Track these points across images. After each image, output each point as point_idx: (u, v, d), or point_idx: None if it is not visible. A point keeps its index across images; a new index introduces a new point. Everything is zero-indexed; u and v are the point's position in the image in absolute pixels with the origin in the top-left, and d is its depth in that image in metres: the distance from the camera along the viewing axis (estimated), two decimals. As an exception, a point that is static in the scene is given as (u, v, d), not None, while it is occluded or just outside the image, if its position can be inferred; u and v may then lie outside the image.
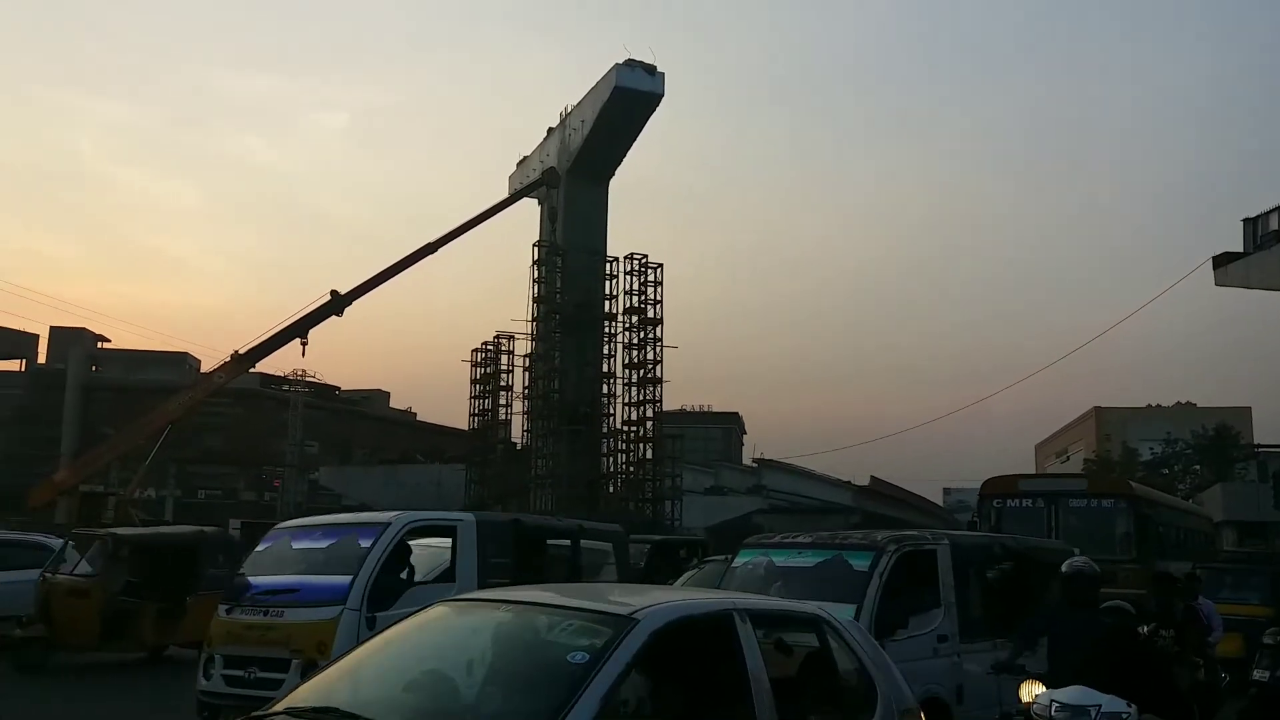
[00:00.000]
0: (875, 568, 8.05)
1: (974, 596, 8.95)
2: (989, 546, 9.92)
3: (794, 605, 5.32)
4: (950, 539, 9.05)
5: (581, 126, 44.52)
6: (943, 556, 8.66)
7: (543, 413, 43.77)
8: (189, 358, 60.08)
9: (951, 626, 8.39)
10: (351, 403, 65.36)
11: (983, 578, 9.31)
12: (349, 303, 39.86)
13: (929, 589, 8.47)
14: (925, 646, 8.09)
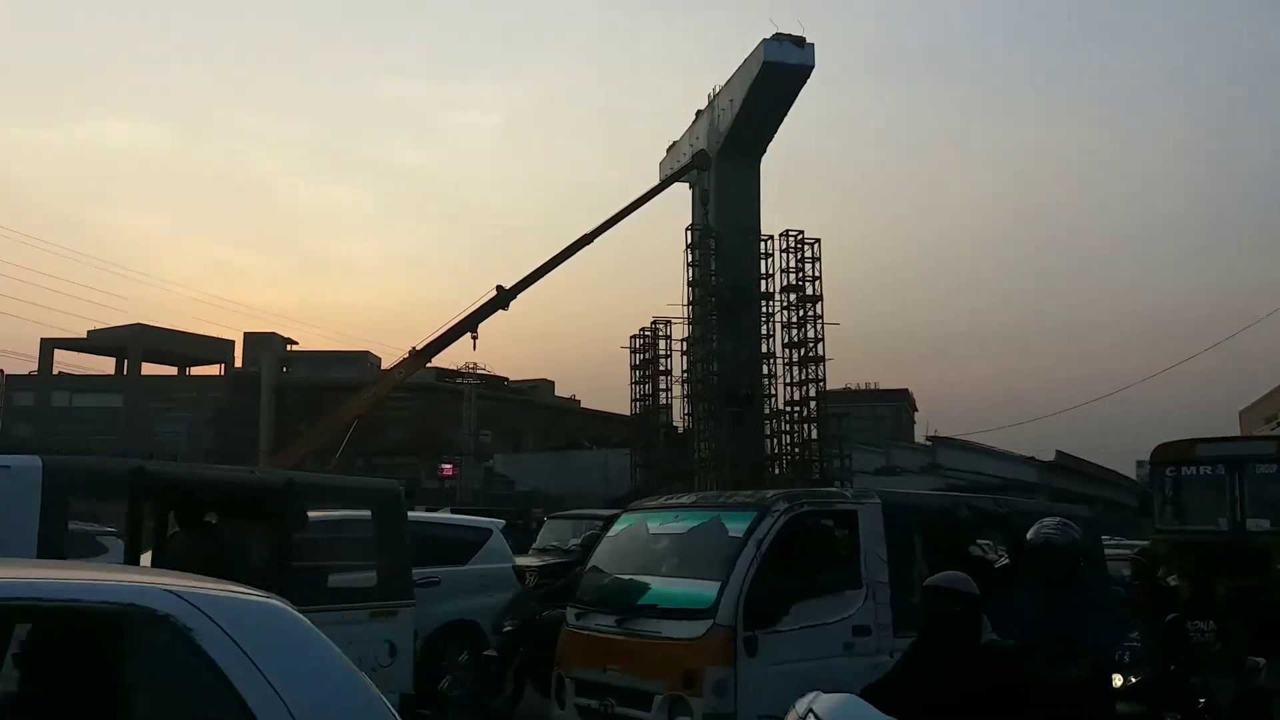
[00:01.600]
0: (752, 533, 6.26)
1: (926, 572, 6.47)
2: (949, 510, 7.62)
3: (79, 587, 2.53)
4: (884, 498, 7.05)
5: (730, 106, 44.19)
6: (868, 521, 6.70)
7: (702, 396, 43.90)
8: (370, 356, 63.34)
9: (877, 614, 6.49)
10: (520, 392, 67.37)
11: (943, 551, 7.02)
12: (513, 296, 41.09)
13: (846, 565, 6.65)
14: (831, 642, 6.30)
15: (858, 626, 6.49)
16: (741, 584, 6.13)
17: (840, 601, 6.53)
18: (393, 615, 7.36)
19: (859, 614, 6.52)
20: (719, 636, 6.08)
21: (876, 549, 6.69)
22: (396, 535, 7.72)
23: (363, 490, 8.84)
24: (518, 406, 65.26)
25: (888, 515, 6.85)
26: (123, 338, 62.32)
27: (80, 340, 62.79)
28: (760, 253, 44.06)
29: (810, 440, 44.54)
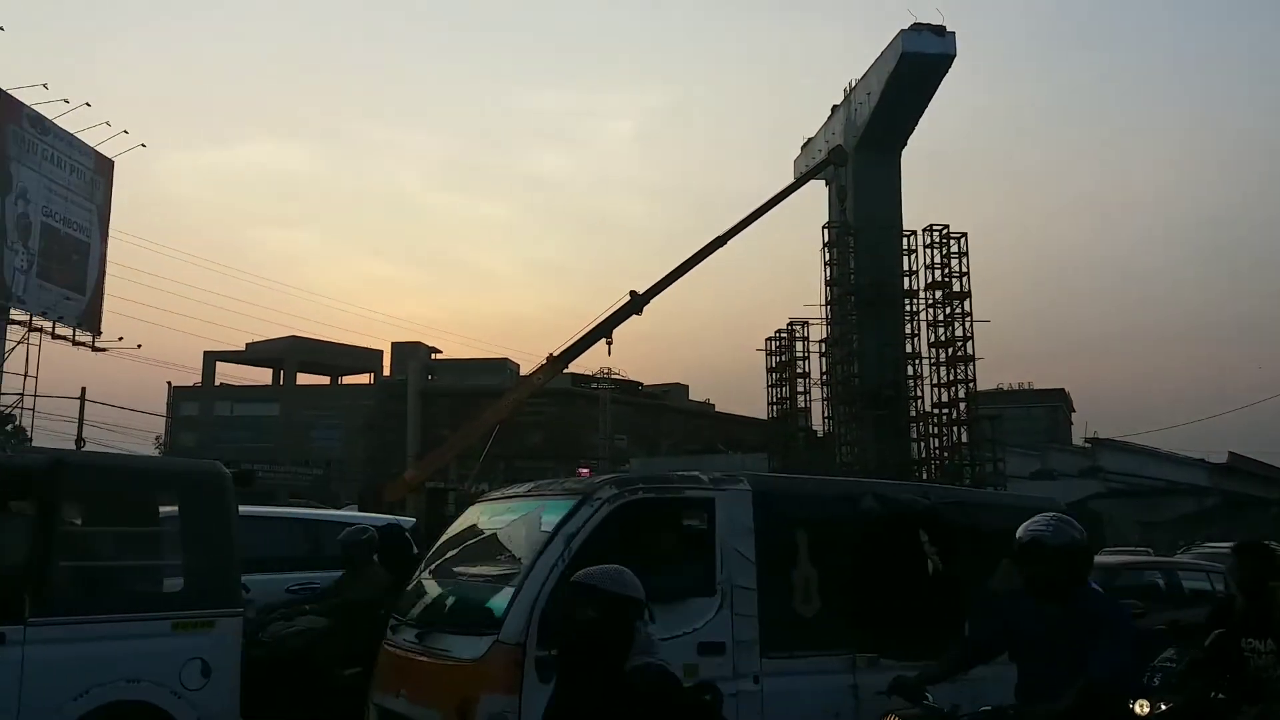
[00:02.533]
0: (561, 528, 5.07)
1: (815, 579, 5.52)
2: (849, 498, 6.06)
3: None
4: (756, 484, 5.65)
5: (868, 100, 43.04)
6: (730, 513, 5.38)
7: (843, 398, 42.77)
8: (509, 363, 64.56)
9: (735, 629, 5.20)
10: (654, 397, 67.41)
11: (838, 550, 5.75)
12: (647, 301, 40.97)
13: (696, 566, 5.34)
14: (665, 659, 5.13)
15: (706, 644, 5.10)
16: (537, 592, 4.79)
17: (683, 612, 5.10)
18: (207, 627, 6.06)
19: (709, 628, 5.13)
20: (502, 657, 4.79)
21: (740, 547, 5.32)
22: (216, 530, 6.35)
23: (167, 474, 7.41)
24: (652, 411, 65.28)
25: (760, 506, 5.47)
26: (279, 350, 65.47)
27: (240, 353, 66.25)
28: (903, 249, 42.71)
29: (960, 444, 42.83)
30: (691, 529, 5.56)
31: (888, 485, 6.65)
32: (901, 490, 6.51)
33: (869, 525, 5.91)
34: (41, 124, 39.79)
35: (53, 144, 40.70)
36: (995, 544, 5.81)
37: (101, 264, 44.09)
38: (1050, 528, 3.95)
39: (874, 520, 5.93)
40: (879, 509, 6.01)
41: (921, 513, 6.19)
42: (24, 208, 39.02)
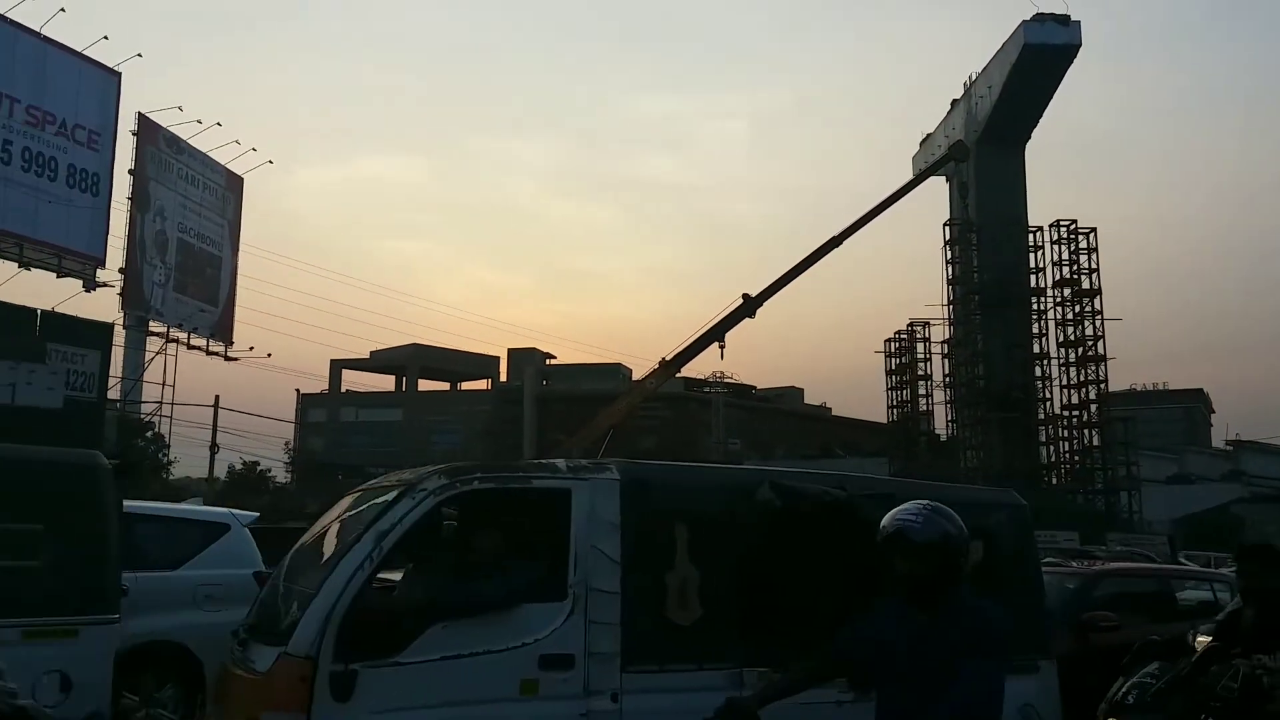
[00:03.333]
0: (374, 524, 4.45)
1: (695, 581, 4.76)
2: (743, 489, 5.18)
3: None
4: (626, 472, 4.85)
5: (989, 93, 41.55)
6: (591, 506, 4.67)
7: (967, 400, 41.32)
8: (622, 367, 64.83)
9: (589, 639, 4.50)
10: (767, 400, 66.67)
11: (723, 548, 4.97)
12: (760, 304, 40.43)
13: (544, 566, 4.68)
14: (499, 680, 4.32)
15: (550, 656, 4.40)
16: (334, 599, 4.19)
17: (522, 620, 4.41)
18: (69, 636, 5.54)
19: (554, 637, 4.42)
20: (287, 671, 4.22)
21: (602, 545, 4.60)
22: (88, 527, 5.73)
23: (30, 463, 6.25)
24: (765, 415, 64.52)
25: (631, 498, 4.72)
26: (401, 357, 67.28)
27: (364, 360, 68.36)
28: (1028, 245, 41.09)
29: (1091, 447, 40.92)
30: (542, 525, 4.75)
31: (792, 474, 5.63)
32: (809, 480, 5.43)
33: (767, 520, 5.06)
34: (177, 144, 41.79)
35: (187, 163, 42.70)
36: None
37: (233, 277, 46.09)
38: (919, 518, 3.44)
39: (773, 514, 5.06)
40: (779, 501, 5.09)
41: (833, 506, 5.21)
42: (161, 224, 41.03)
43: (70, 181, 36.43)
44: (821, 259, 40.60)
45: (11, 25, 34.71)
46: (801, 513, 5.13)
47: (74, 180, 36.60)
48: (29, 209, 34.56)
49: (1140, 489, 40.62)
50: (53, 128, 36.06)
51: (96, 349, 34.97)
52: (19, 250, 33.90)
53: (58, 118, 36.19)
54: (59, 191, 35.86)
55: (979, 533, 5.24)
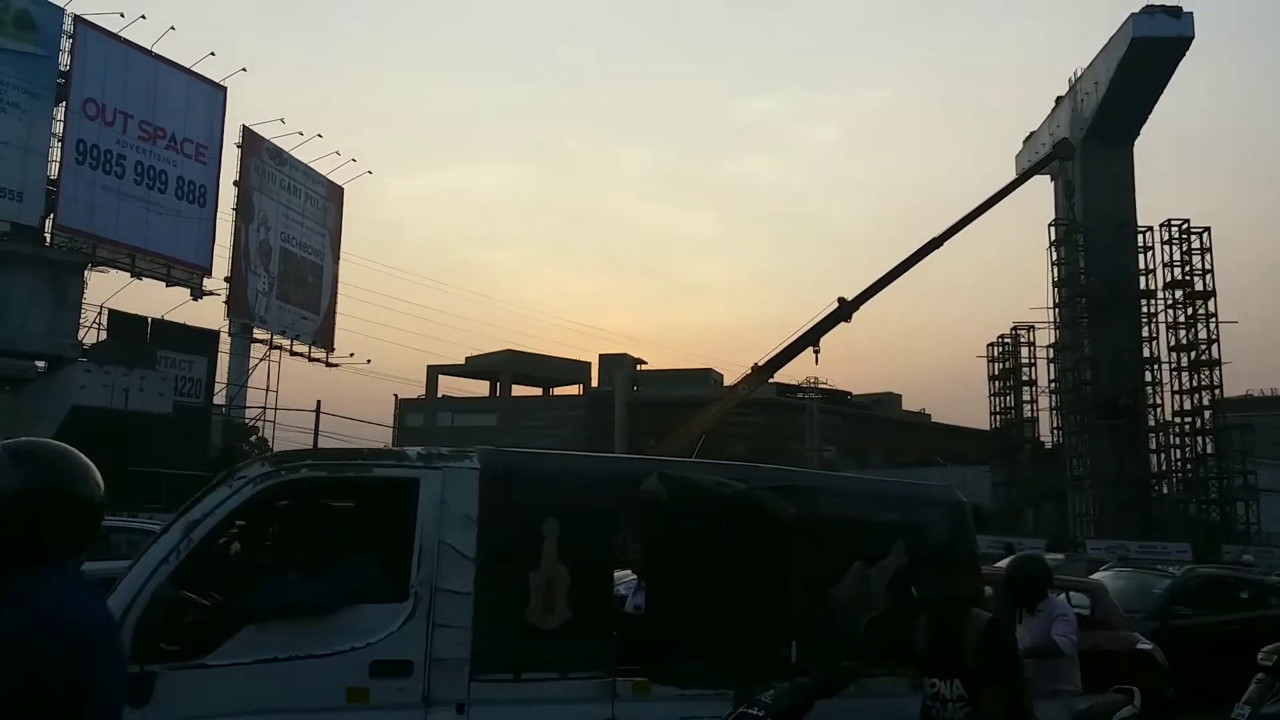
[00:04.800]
0: (185, 514, 4.00)
1: (564, 581, 4.29)
2: (625, 481, 4.66)
3: None
4: (487, 460, 4.35)
5: (1095, 89, 39.95)
6: (438, 497, 4.17)
7: (1074, 407, 39.73)
8: (712, 372, 64.38)
9: (433, 644, 4.02)
10: (863, 407, 65.42)
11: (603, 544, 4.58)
12: (856, 308, 39.59)
13: (382, 563, 4.17)
14: (322, 686, 3.85)
15: (383, 662, 3.95)
16: (132, 596, 3.76)
17: (353, 623, 3.96)
18: None
19: (389, 642, 3.96)
20: None
21: (454, 540, 4.12)
22: None
23: None
24: (862, 421, 63.29)
25: (492, 489, 4.24)
26: (496, 363, 68.10)
27: (460, 366, 69.36)
28: (1137, 246, 39.32)
29: (1204, 455, 38.92)
30: (388, 518, 4.27)
31: (683, 464, 5.11)
32: (703, 471, 4.87)
33: (652, 515, 4.59)
34: (280, 156, 43.07)
35: (289, 174, 43.96)
36: (859, 540, 4.73)
37: (334, 285, 47.28)
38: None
39: (659, 509, 4.54)
40: (666, 495, 4.53)
41: (731, 500, 4.63)
42: (265, 234, 42.31)
43: (179, 193, 37.85)
44: (921, 261, 39.59)
45: (126, 44, 36.22)
46: (693, 507, 4.60)
47: (183, 192, 38.02)
48: (141, 221, 35.99)
49: (1259, 499, 38.50)
50: (163, 142, 37.50)
51: (204, 356, 36.42)
52: (131, 260, 35.31)
53: (168, 132, 37.62)
54: (168, 203, 37.30)
55: (900, 531, 4.77)
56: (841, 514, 4.85)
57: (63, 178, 33.47)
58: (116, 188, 35.33)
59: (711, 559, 4.69)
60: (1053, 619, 5.39)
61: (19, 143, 32.25)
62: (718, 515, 4.65)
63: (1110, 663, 7.26)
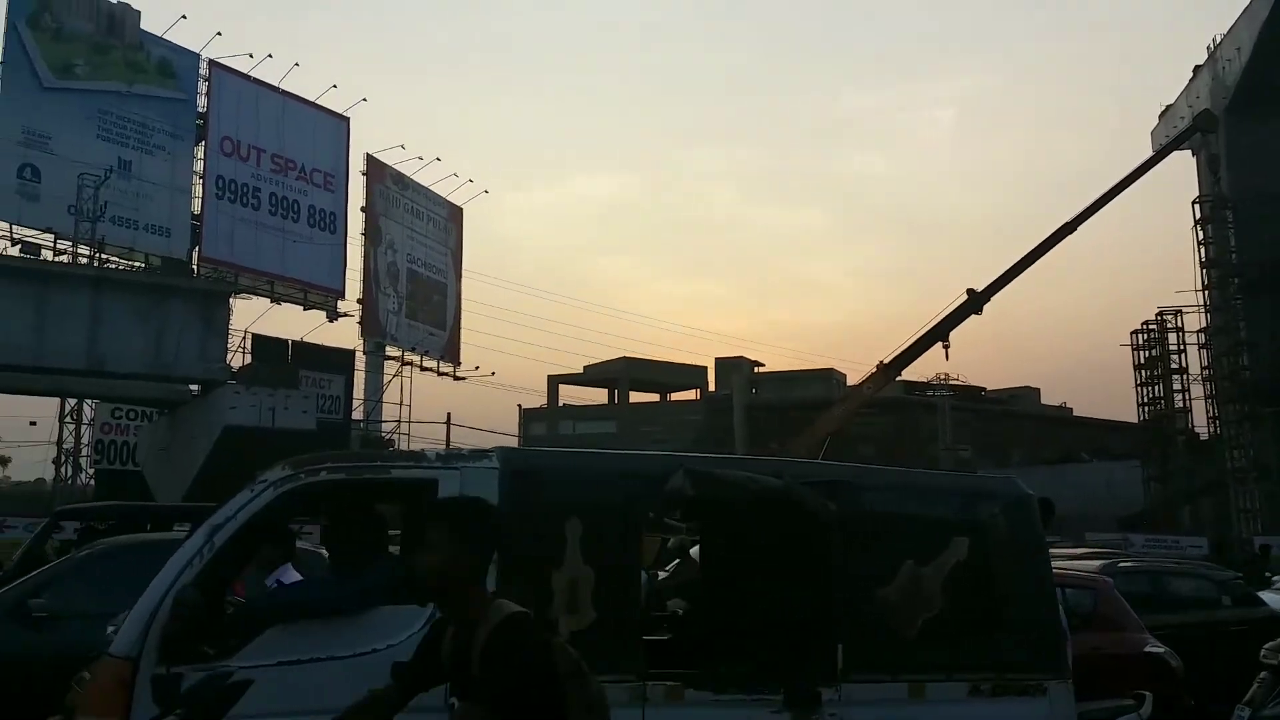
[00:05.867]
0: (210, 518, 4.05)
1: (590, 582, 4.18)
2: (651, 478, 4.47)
3: None
4: (509, 460, 4.29)
5: (1238, 55, 37.58)
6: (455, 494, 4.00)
7: (1231, 395, 37.31)
8: (834, 373, 63.21)
9: None
10: (999, 402, 63.12)
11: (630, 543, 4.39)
12: (986, 299, 38.17)
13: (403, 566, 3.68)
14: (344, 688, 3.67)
15: None
16: (159, 598, 3.84)
17: (378, 624, 3.96)
18: None
19: (412, 643, 3.73)
20: (105, 674, 3.89)
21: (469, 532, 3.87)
22: None
23: None
24: (998, 418, 61.05)
25: (514, 489, 4.16)
26: (613, 371, 68.59)
27: (578, 375, 70.12)
28: (1294, 219, 36.66)
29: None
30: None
31: (713, 460, 4.87)
32: (733, 467, 4.66)
33: (680, 513, 4.46)
34: (402, 181, 44.39)
35: (412, 198, 45.26)
36: (910, 538, 4.43)
37: (457, 301, 48.43)
38: None
39: (687, 506, 4.38)
40: (693, 491, 4.36)
41: (764, 496, 4.44)
42: (392, 257, 43.65)
43: (311, 221, 39.45)
44: (1054, 247, 37.98)
45: (256, 84, 37.98)
46: (723, 504, 4.37)
47: (314, 220, 39.61)
48: (277, 249, 37.69)
49: None
50: (294, 173, 39.16)
51: (341, 374, 37.74)
52: (270, 287, 36.96)
53: (298, 163, 39.28)
54: (302, 231, 38.92)
55: (963, 528, 4.50)
56: (889, 510, 4.56)
57: (205, 212, 35.39)
58: (254, 219, 37.06)
59: (743, 555, 4.51)
60: None
61: (165, 182, 34.21)
62: (749, 512, 4.45)
63: (1114, 667, 6.73)
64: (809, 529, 4.48)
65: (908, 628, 4.33)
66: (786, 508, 4.45)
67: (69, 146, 31.11)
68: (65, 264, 28.49)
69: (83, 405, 33.42)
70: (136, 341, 24.45)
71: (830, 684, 4.10)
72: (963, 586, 4.34)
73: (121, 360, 24.31)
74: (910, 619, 4.33)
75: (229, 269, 34.68)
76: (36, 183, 30.45)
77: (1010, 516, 4.72)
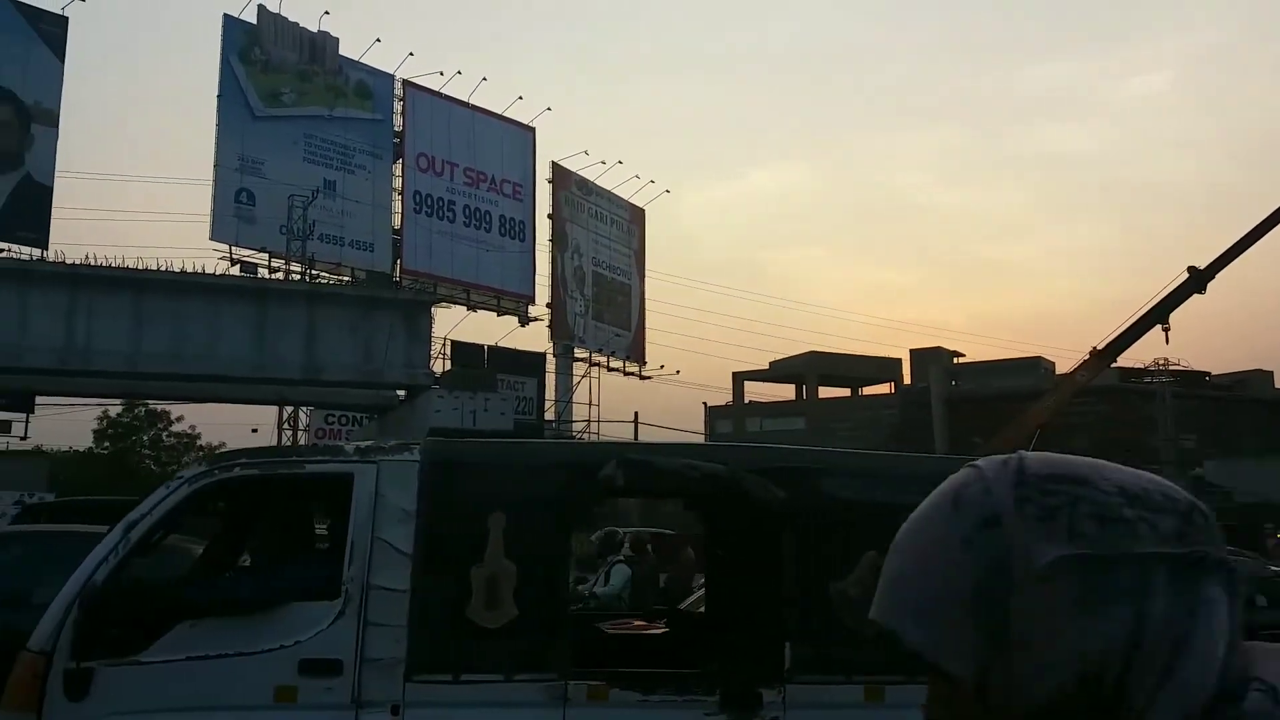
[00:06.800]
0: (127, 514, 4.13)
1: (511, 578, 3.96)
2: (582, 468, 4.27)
3: None
4: (430, 452, 4.15)
5: None
6: (373, 493, 4.02)
7: None
8: (1041, 361, 59.86)
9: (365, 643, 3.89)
10: (1225, 388, 57.97)
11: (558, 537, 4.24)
12: (1210, 277, 35.02)
13: (314, 561, 4.33)
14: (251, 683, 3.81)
15: (312, 661, 3.88)
16: (77, 591, 3.92)
17: (286, 620, 3.94)
18: None
19: (318, 640, 3.91)
20: (22, 668, 3.96)
21: (390, 536, 3.99)
22: None
23: None
24: (1226, 405, 56.11)
25: (434, 482, 4.08)
26: (799, 365, 67.51)
27: (764, 371, 69.36)
28: None
29: None
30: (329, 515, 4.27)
31: (649, 448, 4.63)
32: (672, 454, 4.38)
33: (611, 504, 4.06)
34: (586, 186, 45.21)
35: (596, 202, 46.01)
36: (872, 527, 3.75)
37: (641, 302, 48.88)
38: None
39: (621, 495, 4.32)
40: (624, 482, 4.15)
41: (703, 484, 4.24)
42: (578, 261, 44.52)
43: (502, 230, 40.83)
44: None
45: (447, 100, 39.56)
46: (657, 493, 4.26)
47: (504, 229, 40.98)
48: (471, 258, 39.19)
49: None
50: (485, 185, 40.61)
51: (533, 377, 38.81)
52: (466, 295, 38.48)
53: (489, 175, 40.73)
54: (493, 240, 40.32)
55: None
56: (851, 497, 4.23)
57: (404, 226, 37.22)
58: (449, 231, 38.65)
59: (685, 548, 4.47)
60: None
61: (367, 200, 36.14)
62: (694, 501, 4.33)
63: None
64: (757, 519, 4.26)
65: (867, 624, 3.79)
66: (731, 497, 4.25)
67: (279, 170, 33.32)
68: (281, 281, 30.48)
69: (298, 412, 35.67)
70: (347, 351, 25.81)
71: (773, 685, 3.89)
72: None
73: (334, 369, 25.73)
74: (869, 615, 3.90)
75: (428, 279, 36.22)
76: (251, 206, 32.75)
77: None
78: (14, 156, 30.56)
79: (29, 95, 30.79)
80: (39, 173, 30.79)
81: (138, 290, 23.91)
